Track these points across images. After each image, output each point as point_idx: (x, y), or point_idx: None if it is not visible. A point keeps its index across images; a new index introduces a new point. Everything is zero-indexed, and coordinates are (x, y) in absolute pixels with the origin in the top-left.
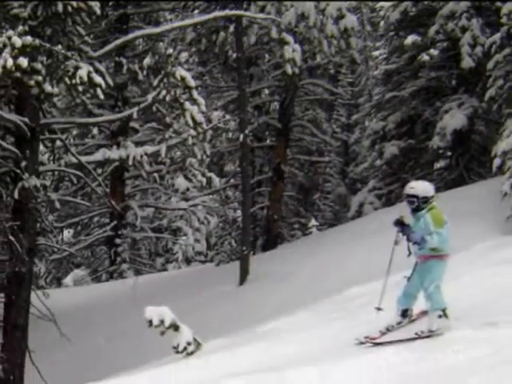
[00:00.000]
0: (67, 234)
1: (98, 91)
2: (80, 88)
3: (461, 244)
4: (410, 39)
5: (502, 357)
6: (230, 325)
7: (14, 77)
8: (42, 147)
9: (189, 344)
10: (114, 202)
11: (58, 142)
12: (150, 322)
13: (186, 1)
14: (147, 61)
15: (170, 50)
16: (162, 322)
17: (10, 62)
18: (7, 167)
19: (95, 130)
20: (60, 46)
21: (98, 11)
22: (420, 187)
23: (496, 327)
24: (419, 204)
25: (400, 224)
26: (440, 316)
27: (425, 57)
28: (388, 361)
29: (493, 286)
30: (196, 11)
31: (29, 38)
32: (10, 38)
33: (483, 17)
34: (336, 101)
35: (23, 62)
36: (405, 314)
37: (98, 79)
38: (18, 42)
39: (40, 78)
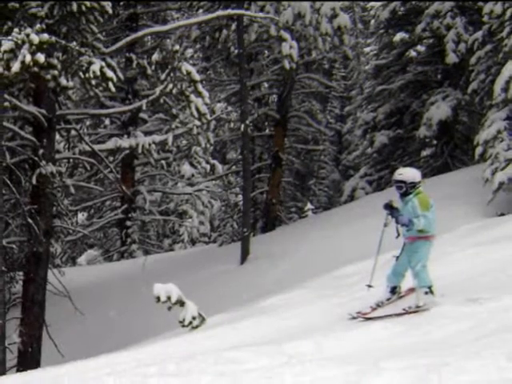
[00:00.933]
0: (81, 216)
1: (110, 85)
2: (93, 82)
3: (445, 226)
4: (399, 36)
5: (484, 330)
6: (232, 301)
7: (32, 71)
8: (57, 136)
9: (194, 318)
10: (124, 187)
11: (73, 132)
12: (158, 298)
13: (191, 1)
14: (155, 56)
15: (177, 47)
16: (169, 298)
17: (28, 58)
18: (26, 155)
19: (107, 121)
20: (74, 43)
21: (110, 10)
22: (408, 173)
23: (478, 303)
24: (407, 189)
25: (389, 207)
26: (426, 293)
27: (412, 53)
28: (378, 334)
29: (475, 264)
30: (200, 10)
31: (45, 36)
32: (28, 36)
33: (466, 16)
34: (330, 93)
35: (40, 57)
36: (394, 290)
37: (109, 73)
38: (35, 39)
39: (56, 73)
